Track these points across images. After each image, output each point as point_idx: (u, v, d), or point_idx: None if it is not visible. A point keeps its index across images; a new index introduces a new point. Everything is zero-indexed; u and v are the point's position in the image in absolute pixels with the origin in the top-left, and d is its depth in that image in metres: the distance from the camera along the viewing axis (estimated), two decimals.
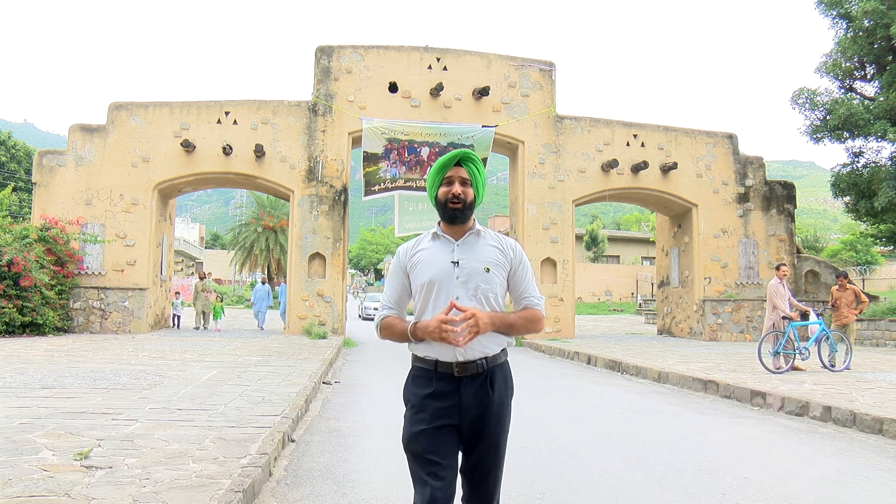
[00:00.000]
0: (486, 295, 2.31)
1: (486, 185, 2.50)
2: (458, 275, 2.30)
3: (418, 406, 2.30)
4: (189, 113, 16.97)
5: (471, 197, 2.39)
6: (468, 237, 2.38)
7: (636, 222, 68.40)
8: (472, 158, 2.41)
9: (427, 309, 2.32)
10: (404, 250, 2.45)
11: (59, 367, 8.80)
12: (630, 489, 4.14)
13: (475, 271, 2.31)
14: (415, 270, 2.38)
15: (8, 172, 37.73)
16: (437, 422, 2.26)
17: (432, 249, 2.38)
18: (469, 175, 2.39)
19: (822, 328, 10.34)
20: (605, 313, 36.68)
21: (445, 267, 2.31)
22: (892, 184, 17.16)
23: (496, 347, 2.34)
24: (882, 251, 38.22)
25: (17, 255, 13.99)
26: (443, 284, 2.30)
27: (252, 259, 44.71)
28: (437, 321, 2.18)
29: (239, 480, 3.67)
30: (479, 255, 2.35)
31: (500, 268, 2.36)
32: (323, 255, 17.17)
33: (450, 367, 2.28)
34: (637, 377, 10.49)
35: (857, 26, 18.28)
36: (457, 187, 2.36)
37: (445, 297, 2.28)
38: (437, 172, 2.41)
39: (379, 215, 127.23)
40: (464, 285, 2.29)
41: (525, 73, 18.48)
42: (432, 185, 2.43)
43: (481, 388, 2.28)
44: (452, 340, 2.15)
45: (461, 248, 2.35)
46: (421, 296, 2.34)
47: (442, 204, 2.38)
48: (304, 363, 10.06)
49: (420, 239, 2.47)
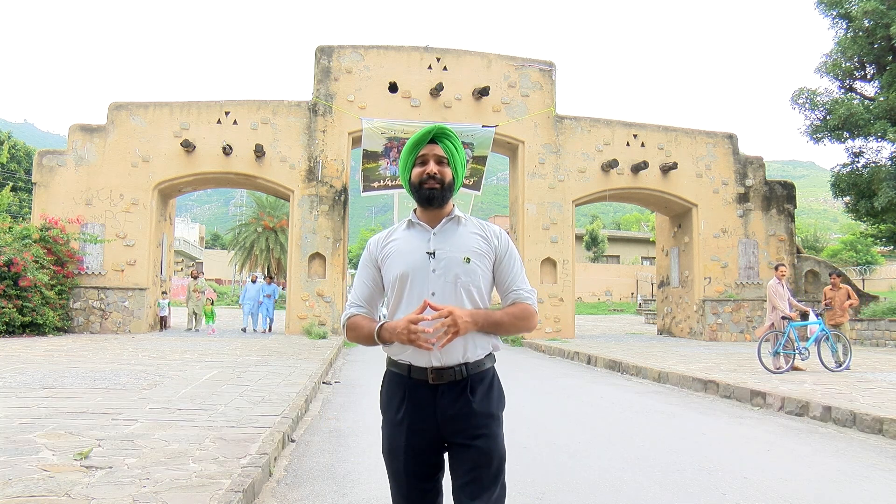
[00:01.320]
0: (468, 288, 2.03)
1: (465, 166, 2.20)
2: (433, 267, 2.03)
3: (393, 417, 2.05)
4: (189, 113, 16.97)
5: (449, 177, 2.10)
6: (446, 224, 2.11)
7: (636, 222, 68.40)
8: (448, 134, 2.12)
9: (400, 306, 2.07)
10: (375, 241, 2.19)
11: (59, 367, 8.80)
12: (630, 489, 4.14)
13: (453, 262, 2.03)
14: (386, 263, 2.11)
15: (8, 172, 37.71)
16: (414, 438, 2.01)
17: (406, 239, 2.11)
18: (446, 153, 2.11)
19: (821, 328, 10.34)
20: (605, 313, 36.68)
21: (420, 258, 2.05)
22: (892, 184, 17.16)
23: (480, 351, 2.04)
24: (882, 251, 38.22)
25: (17, 255, 14.00)
26: (416, 278, 2.03)
27: (252, 259, 44.71)
28: (405, 321, 1.91)
29: (239, 480, 3.67)
30: (458, 243, 2.07)
31: (483, 257, 2.08)
32: (323, 255, 17.18)
33: (424, 372, 2.01)
34: (637, 377, 10.49)
35: (857, 26, 18.28)
36: (432, 166, 2.07)
37: (420, 292, 2.02)
38: (409, 152, 2.12)
39: (379, 215, 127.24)
40: (441, 278, 2.02)
41: (525, 73, 18.48)
42: (405, 168, 2.15)
43: (460, 397, 2.00)
44: (424, 344, 1.88)
45: (438, 236, 2.08)
46: (393, 292, 2.08)
47: (416, 186, 2.10)
48: (304, 363, 10.06)
49: (394, 228, 2.22)
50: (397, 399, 2.05)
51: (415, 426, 2.01)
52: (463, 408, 1.99)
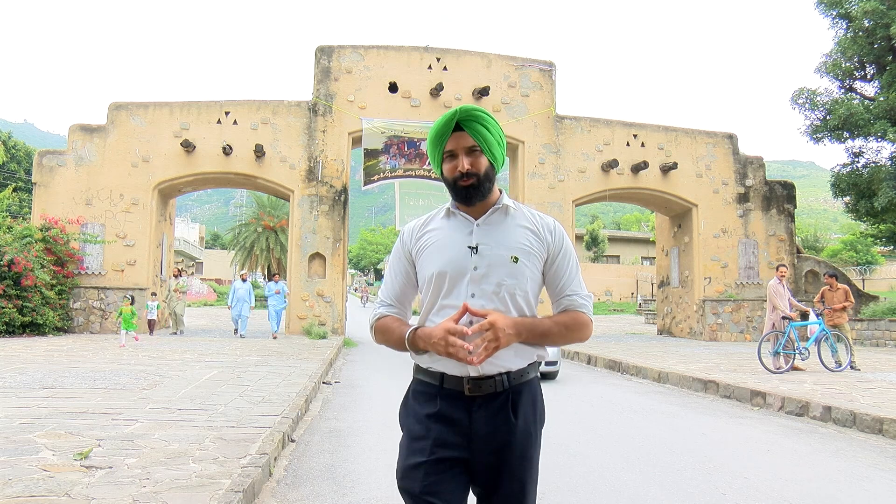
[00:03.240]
0: (513, 293, 1.79)
1: (504, 141, 1.90)
2: (475, 265, 1.78)
3: (417, 431, 1.80)
4: (189, 113, 16.97)
5: (485, 166, 1.82)
6: (492, 215, 1.85)
7: (636, 222, 68.40)
8: (474, 115, 1.80)
9: (434, 309, 1.83)
10: (410, 231, 1.94)
11: (59, 367, 8.80)
12: (630, 489, 4.14)
13: (499, 261, 1.78)
14: (421, 257, 1.87)
15: (8, 172, 37.72)
16: (440, 452, 1.75)
17: (445, 230, 1.86)
18: (476, 139, 1.81)
19: (821, 328, 10.35)
20: (605, 313, 36.67)
21: (459, 254, 1.79)
22: (892, 184, 17.16)
23: (522, 361, 1.81)
24: (882, 251, 38.21)
25: (18, 254, 14.00)
26: (455, 278, 1.79)
27: (252, 259, 44.72)
28: (442, 330, 1.68)
29: (239, 480, 3.67)
30: (505, 238, 1.81)
31: (533, 256, 1.82)
32: (323, 255, 17.18)
33: (459, 382, 1.78)
34: (637, 377, 10.49)
35: (857, 26, 18.28)
36: (463, 162, 1.80)
37: (458, 294, 1.78)
38: (434, 145, 1.86)
39: (379, 215, 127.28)
40: (482, 280, 1.77)
41: (525, 73, 18.48)
42: (435, 162, 1.92)
43: (500, 412, 1.77)
44: (463, 358, 1.66)
45: (482, 229, 1.82)
46: (428, 292, 1.84)
47: (451, 183, 1.85)
48: (304, 363, 10.06)
49: (431, 216, 1.95)
50: (425, 411, 1.81)
51: (441, 441, 1.76)
52: (501, 426, 1.77)
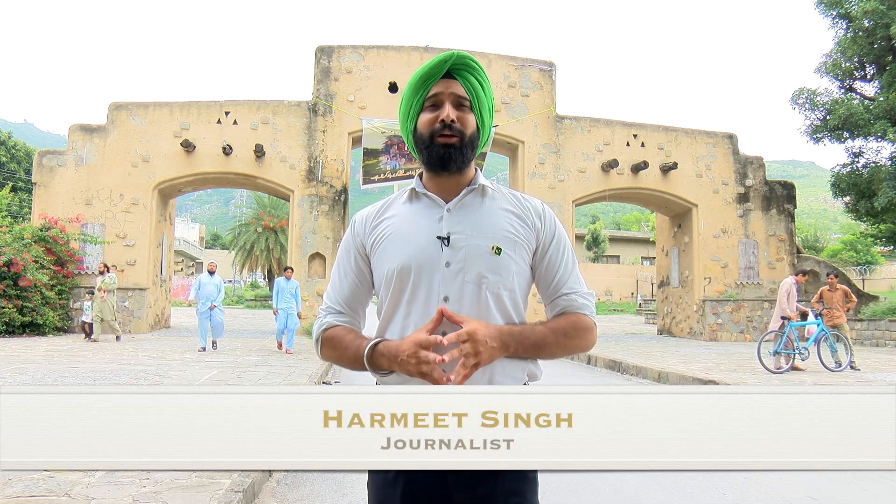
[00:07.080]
0: (496, 292, 1.40)
1: (493, 115, 1.57)
2: (447, 260, 1.39)
3: (383, 475, 1.43)
4: (189, 113, 16.97)
5: (472, 127, 1.46)
6: (467, 197, 1.46)
7: (636, 222, 68.42)
8: (472, 66, 1.44)
9: (397, 316, 1.43)
10: (362, 218, 1.52)
11: (59, 367, 8.80)
12: (630, 489, 4.14)
13: (476, 254, 1.40)
14: (377, 250, 1.46)
15: (8, 172, 37.72)
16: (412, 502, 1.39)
17: (407, 216, 1.46)
18: (468, 92, 1.44)
19: (820, 328, 10.35)
20: (605, 313, 36.67)
21: (427, 245, 1.41)
22: (892, 184, 17.17)
23: (510, 381, 1.40)
24: (882, 251, 38.22)
25: (17, 255, 14.01)
26: (423, 275, 1.39)
27: (252, 259, 44.74)
28: (411, 344, 1.30)
29: (239, 480, 3.67)
30: (483, 225, 1.43)
31: (519, 246, 1.44)
32: (323, 255, 17.19)
33: None
34: (637, 377, 10.49)
35: (857, 26, 18.29)
36: (448, 111, 1.41)
37: (427, 295, 1.39)
38: (414, 90, 1.44)
39: None
40: (458, 276, 1.39)
41: (525, 73, 18.49)
42: (407, 115, 1.47)
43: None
44: (438, 379, 1.28)
45: (454, 214, 1.44)
46: (387, 294, 1.44)
47: (426, 139, 1.43)
48: (304, 363, 10.07)
49: (390, 200, 1.53)
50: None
51: (414, 487, 1.38)
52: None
